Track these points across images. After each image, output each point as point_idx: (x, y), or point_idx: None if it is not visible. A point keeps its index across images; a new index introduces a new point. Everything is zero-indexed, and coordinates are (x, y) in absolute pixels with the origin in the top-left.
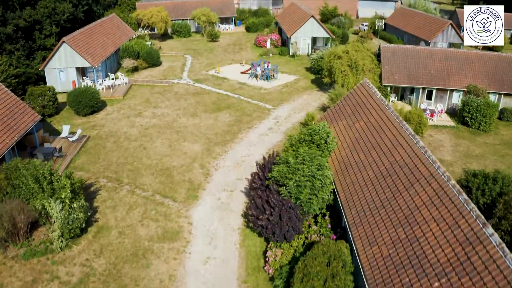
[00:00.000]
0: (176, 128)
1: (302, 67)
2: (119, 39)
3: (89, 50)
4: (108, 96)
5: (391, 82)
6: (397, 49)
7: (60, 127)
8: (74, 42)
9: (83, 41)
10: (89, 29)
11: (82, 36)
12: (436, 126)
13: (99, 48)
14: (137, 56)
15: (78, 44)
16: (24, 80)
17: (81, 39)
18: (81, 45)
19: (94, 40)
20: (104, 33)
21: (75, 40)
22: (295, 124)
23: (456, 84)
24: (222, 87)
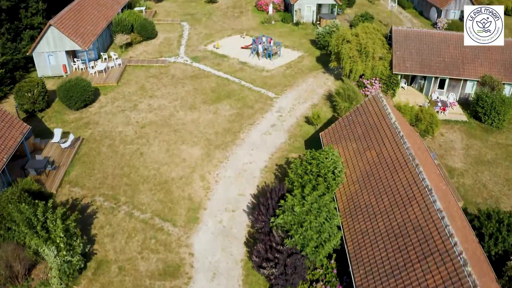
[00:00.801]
0: (174, 125)
1: (307, 39)
2: (111, 10)
3: (78, 30)
4: (101, 83)
5: (402, 70)
6: (410, 33)
7: (52, 125)
8: (62, 24)
9: (72, 19)
10: (78, 4)
11: (71, 14)
12: (448, 121)
13: (89, 25)
14: (130, 30)
15: (67, 25)
16: (11, 67)
17: (69, 18)
18: (70, 26)
19: (84, 16)
20: (95, 5)
21: (62, 21)
22: (300, 119)
23: (470, 74)
24: (221, 68)
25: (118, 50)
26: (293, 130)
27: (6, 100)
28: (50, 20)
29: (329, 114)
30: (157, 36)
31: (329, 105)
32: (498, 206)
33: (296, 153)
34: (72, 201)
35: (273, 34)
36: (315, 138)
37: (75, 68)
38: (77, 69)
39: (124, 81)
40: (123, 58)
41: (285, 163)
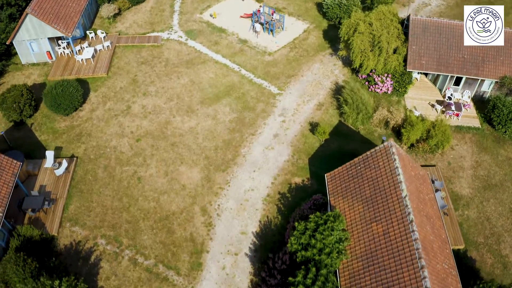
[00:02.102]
0: (171, 137)
1: (313, 2)
2: None
3: (60, 12)
4: (90, 75)
5: (417, 68)
6: (429, 24)
7: (43, 138)
8: (40, 10)
9: (52, 2)
10: None
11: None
12: (460, 128)
13: (71, 2)
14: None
15: (45, 10)
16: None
17: (47, 2)
18: (49, 9)
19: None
20: None
21: (40, 5)
22: (304, 125)
23: (490, 74)
24: (219, 49)
25: (106, 21)
26: (297, 142)
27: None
28: (27, 8)
29: (336, 119)
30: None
31: (336, 105)
32: (499, 245)
33: (300, 176)
34: (75, 245)
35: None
36: (320, 155)
37: (61, 53)
38: (62, 54)
39: (115, 70)
40: (111, 33)
41: (288, 191)
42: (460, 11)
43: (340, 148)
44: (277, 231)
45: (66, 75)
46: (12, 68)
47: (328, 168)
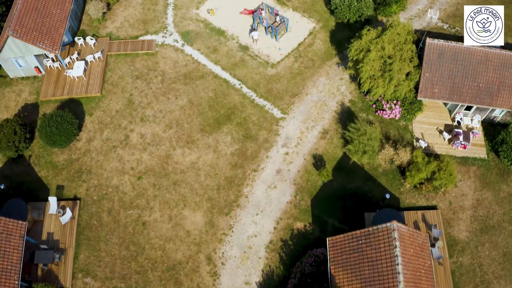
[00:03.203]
0: (172, 174)
1: None
2: None
3: (43, 26)
4: (83, 94)
5: (429, 97)
6: (446, 49)
7: (42, 174)
8: (21, 30)
9: (32, 13)
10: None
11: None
12: (466, 160)
13: (55, 8)
14: None
15: (27, 27)
16: None
17: (27, 14)
18: (31, 25)
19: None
20: None
21: (22, 24)
22: (308, 159)
23: (504, 104)
24: (218, 58)
25: (95, 20)
26: (300, 179)
27: None
28: (8, 29)
29: (340, 151)
30: None
31: (341, 133)
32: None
33: (302, 221)
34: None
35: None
36: (322, 195)
37: (49, 66)
38: (52, 67)
39: (109, 87)
40: (102, 36)
41: (290, 238)
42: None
43: (343, 187)
44: (278, 281)
45: (58, 94)
46: (0, 82)
47: (330, 211)
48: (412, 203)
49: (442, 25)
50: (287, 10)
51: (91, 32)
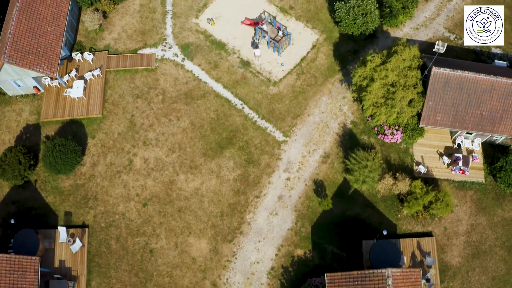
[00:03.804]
0: (176, 201)
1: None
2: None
3: (39, 47)
4: (84, 115)
5: (431, 124)
6: (452, 78)
7: (50, 200)
8: (17, 55)
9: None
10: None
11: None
12: (463, 185)
13: (50, 25)
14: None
15: (23, 51)
16: None
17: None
18: (27, 48)
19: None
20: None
21: (17, 49)
22: (309, 184)
23: (505, 131)
24: (220, 75)
25: (92, 31)
26: (301, 206)
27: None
28: (3, 56)
29: (340, 176)
30: None
31: (342, 156)
32: None
33: (302, 248)
34: None
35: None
36: (322, 222)
37: (48, 84)
38: (51, 85)
39: (109, 107)
40: (99, 49)
41: (290, 264)
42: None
43: (342, 213)
44: None
45: (59, 115)
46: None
47: (330, 238)
48: (409, 229)
49: (449, 36)
50: (290, 19)
51: (88, 44)
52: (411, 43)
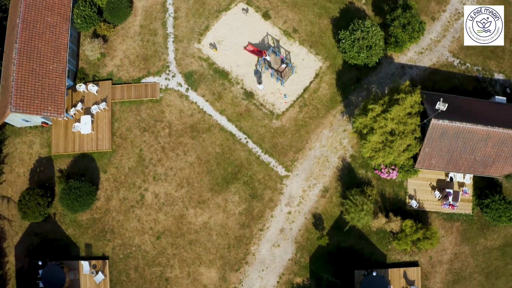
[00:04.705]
0: (187, 234)
1: (327, 17)
2: (61, 25)
3: (44, 89)
4: (94, 149)
5: (426, 167)
6: (449, 128)
7: (70, 232)
8: (23, 103)
9: (31, 80)
10: (22, 50)
11: (24, 72)
12: (451, 216)
13: (51, 62)
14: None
15: (28, 96)
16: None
17: (24, 79)
18: (32, 92)
19: (39, 61)
20: (39, 34)
21: (22, 96)
22: (308, 218)
23: (496, 172)
24: (224, 107)
25: (95, 59)
26: (300, 238)
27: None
28: (10, 106)
29: (337, 210)
30: (131, 13)
31: (340, 191)
32: None
33: (301, 276)
34: None
35: None
36: (320, 252)
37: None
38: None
39: (118, 141)
40: (103, 77)
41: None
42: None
43: (338, 244)
44: None
45: (70, 149)
46: (9, 131)
47: (326, 267)
48: (397, 259)
49: (453, 61)
50: (294, 43)
51: (90, 71)
52: (414, 69)
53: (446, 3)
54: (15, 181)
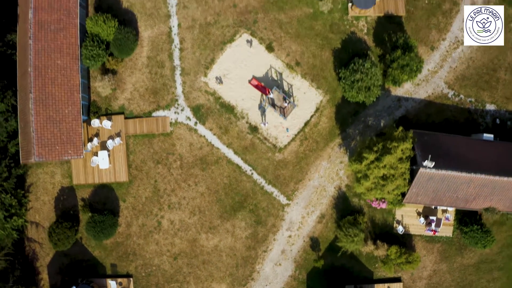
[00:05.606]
0: (200, 256)
1: (329, 47)
2: (71, 67)
3: (62, 135)
4: (113, 180)
5: (412, 202)
6: (435, 175)
7: (97, 254)
8: (44, 150)
9: (50, 127)
10: (38, 100)
11: (43, 120)
12: (433, 239)
13: (66, 106)
14: (105, 46)
15: (49, 145)
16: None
17: (45, 129)
18: (52, 140)
19: (54, 101)
20: (51, 79)
21: (43, 144)
22: (307, 241)
23: (476, 206)
24: (230, 140)
25: (107, 91)
26: (299, 258)
27: None
28: (33, 156)
29: (332, 234)
30: (138, 44)
31: (335, 218)
32: None
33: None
34: None
35: (286, 28)
36: (315, 271)
37: None
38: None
39: (134, 172)
40: (115, 111)
41: None
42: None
43: (331, 263)
44: None
45: (90, 180)
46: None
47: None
48: (383, 275)
49: (447, 93)
50: (296, 76)
51: (103, 104)
52: (410, 101)
53: (446, 31)
54: (41, 208)
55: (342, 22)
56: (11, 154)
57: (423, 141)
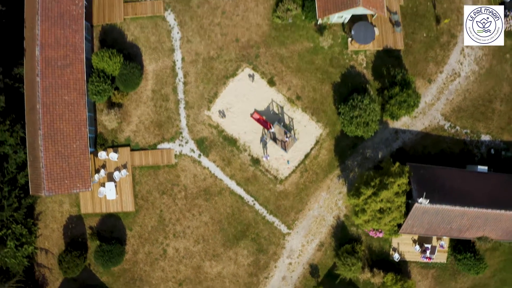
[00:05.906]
0: (204, 282)
1: (329, 82)
2: (78, 101)
3: (71, 167)
4: (120, 210)
5: (408, 232)
6: (430, 209)
7: (105, 280)
8: (54, 185)
9: (59, 161)
10: (47, 134)
11: (52, 155)
12: (428, 265)
13: (74, 140)
14: (111, 80)
15: (58, 177)
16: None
17: (54, 164)
18: (60, 173)
19: (62, 137)
20: (59, 115)
21: (52, 178)
22: (306, 268)
23: (470, 235)
24: (233, 172)
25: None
26: (299, 284)
27: None
28: (43, 191)
29: (331, 261)
30: (143, 78)
31: (333, 246)
32: None
33: None
34: None
35: (287, 62)
36: None
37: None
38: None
39: (140, 202)
40: (121, 143)
41: None
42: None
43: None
44: None
45: (97, 209)
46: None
47: None
48: None
49: (444, 124)
50: (296, 110)
51: (109, 136)
52: (407, 134)
53: (444, 64)
54: (50, 235)
55: (342, 56)
56: (21, 185)
57: (419, 175)
